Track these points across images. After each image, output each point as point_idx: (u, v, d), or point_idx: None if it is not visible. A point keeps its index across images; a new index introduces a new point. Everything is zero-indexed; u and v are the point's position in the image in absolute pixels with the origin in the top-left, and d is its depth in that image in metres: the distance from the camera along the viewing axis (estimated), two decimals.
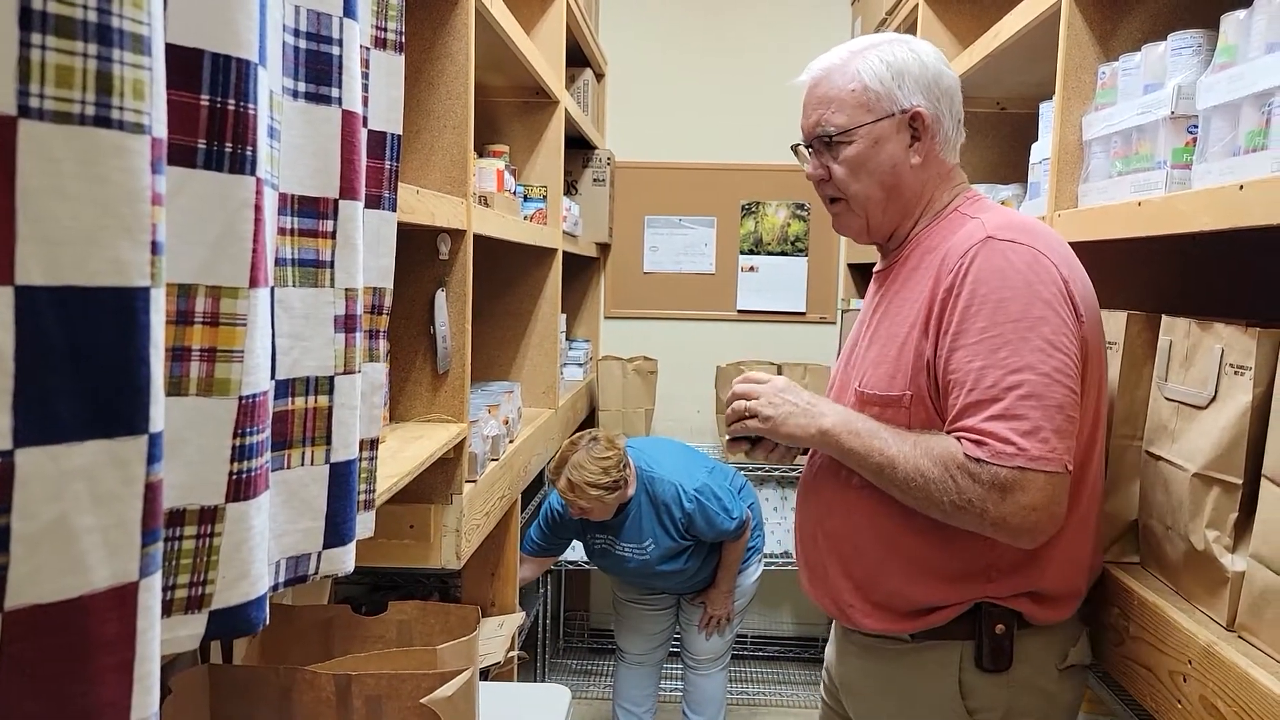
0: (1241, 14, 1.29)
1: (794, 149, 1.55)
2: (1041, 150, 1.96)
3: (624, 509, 2.78)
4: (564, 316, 3.28)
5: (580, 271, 4.06)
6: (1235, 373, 1.20)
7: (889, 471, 1.32)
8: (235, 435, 0.80)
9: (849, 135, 1.43)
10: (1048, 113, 1.94)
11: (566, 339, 3.54)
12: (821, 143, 1.46)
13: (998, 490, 1.25)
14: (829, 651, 1.68)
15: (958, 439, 1.28)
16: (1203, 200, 1.27)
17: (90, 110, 0.55)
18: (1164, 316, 1.39)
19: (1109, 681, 1.50)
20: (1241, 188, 1.16)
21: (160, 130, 0.59)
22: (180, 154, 0.74)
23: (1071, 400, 1.27)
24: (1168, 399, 1.35)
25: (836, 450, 1.40)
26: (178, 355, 0.77)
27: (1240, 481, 1.18)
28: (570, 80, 3.48)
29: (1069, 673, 1.43)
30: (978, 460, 1.25)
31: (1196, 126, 1.39)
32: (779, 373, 3.76)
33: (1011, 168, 2.65)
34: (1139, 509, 1.44)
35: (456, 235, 1.86)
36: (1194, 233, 1.29)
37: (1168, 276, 1.73)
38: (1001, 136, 2.72)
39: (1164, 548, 1.35)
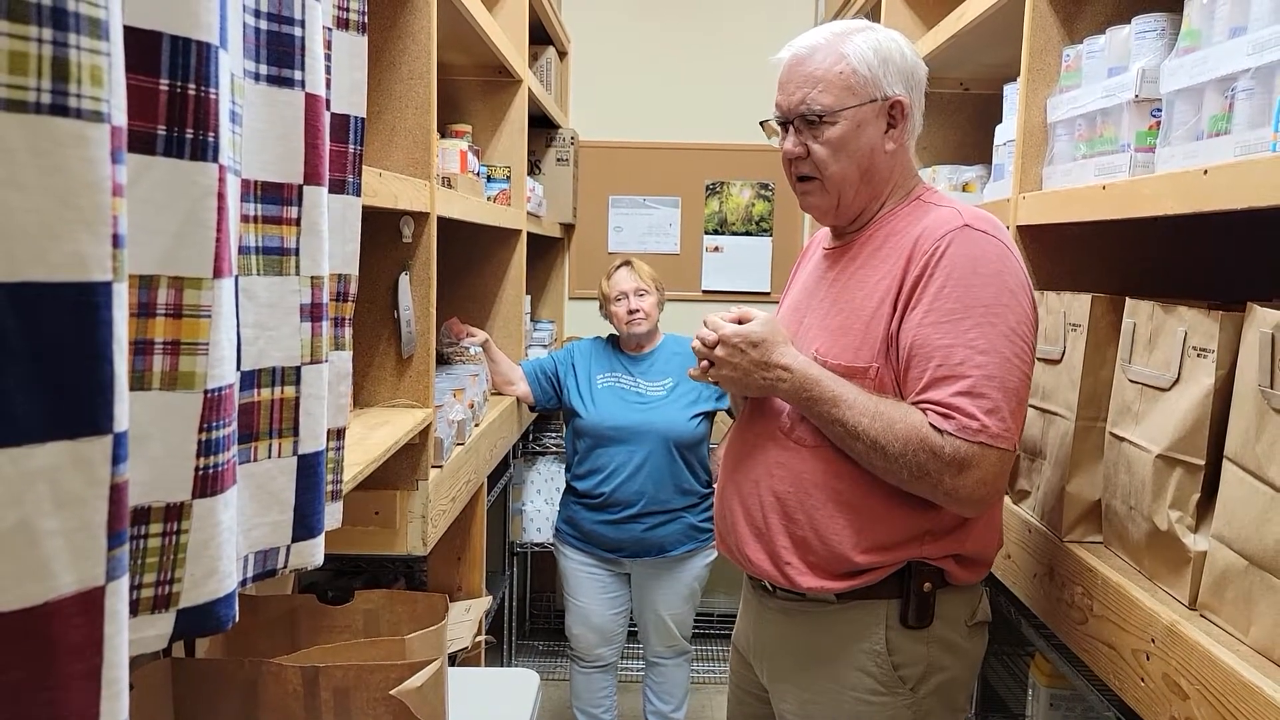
0: None
1: (763, 124, 1.56)
2: (1006, 132, 1.97)
3: (653, 349, 2.93)
4: (529, 298, 3.26)
5: (544, 252, 4.03)
6: (1198, 355, 1.22)
7: (849, 441, 1.39)
8: (201, 429, 0.78)
9: (834, 116, 1.45)
10: (1012, 94, 1.95)
11: (531, 320, 3.52)
12: (804, 121, 1.47)
13: (957, 463, 1.32)
14: (741, 624, 1.71)
15: (923, 410, 1.35)
16: (1166, 184, 1.28)
17: (46, 98, 0.52)
18: (1128, 299, 1.40)
19: (1072, 660, 1.52)
20: (1206, 172, 1.17)
21: (120, 118, 0.57)
22: (139, 141, 0.72)
23: (1025, 385, 1.37)
24: (1132, 381, 1.36)
25: (798, 408, 1.46)
26: (140, 349, 0.74)
27: (1203, 463, 1.20)
28: (533, 59, 3.44)
29: (976, 629, 1.53)
30: (942, 433, 1.32)
31: (1160, 110, 1.40)
32: None
33: (975, 148, 2.66)
34: (1102, 489, 1.46)
35: (420, 218, 1.83)
36: (1158, 216, 1.30)
37: (1133, 258, 1.75)
38: (965, 117, 2.73)
39: (1127, 528, 1.37)
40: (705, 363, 1.51)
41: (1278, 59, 1.10)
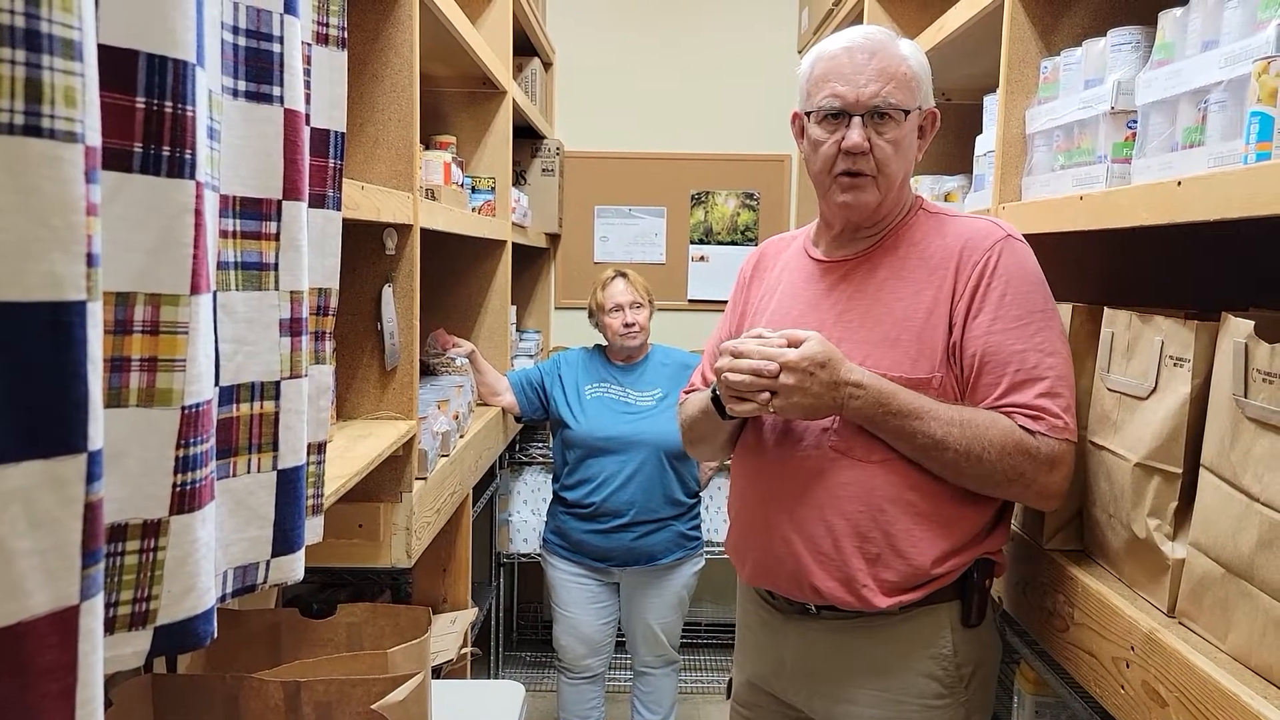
0: (1178, 12, 1.32)
1: (804, 114, 1.50)
2: (986, 143, 1.99)
3: (642, 360, 2.97)
4: (514, 308, 3.26)
5: (530, 262, 4.03)
6: (1174, 364, 1.23)
7: (933, 453, 1.38)
8: (178, 446, 0.78)
9: (904, 116, 1.45)
10: (992, 106, 1.96)
11: (517, 330, 3.53)
12: (872, 115, 1.44)
13: (1050, 461, 1.37)
14: (759, 656, 1.62)
15: (1007, 413, 1.38)
16: (1141, 195, 1.29)
17: (19, 119, 0.53)
18: (1106, 309, 1.42)
19: (1053, 667, 1.53)
20: (1179, 184, 1.18)
21: (94, 138, 0.57)
22: (116, 158, 0.72)
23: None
24: (1110, 390, 1.38)
25: (865, 423, 1.41)
26: (117, 366, 0.74)
27: (1180, 471, 1.21)
28: (518, 69, 3.44)
29: (995, 622, 1.57)
30: (1034, 434, 1.36)
31: (1136, 122, 1.42)
32: None
33: (956, 158, 2.67)
34: (1082, 497, 1.47)
35: (403, 230, 1.83)
36: (1135, 226, 1.31)
37: (1111, 268, 1.76)
38: (947, 127, 2.72)
39: (1107, 536, 1.38)
40: (765, 394, 1.38)
41: (1249, 72, 1.12)
